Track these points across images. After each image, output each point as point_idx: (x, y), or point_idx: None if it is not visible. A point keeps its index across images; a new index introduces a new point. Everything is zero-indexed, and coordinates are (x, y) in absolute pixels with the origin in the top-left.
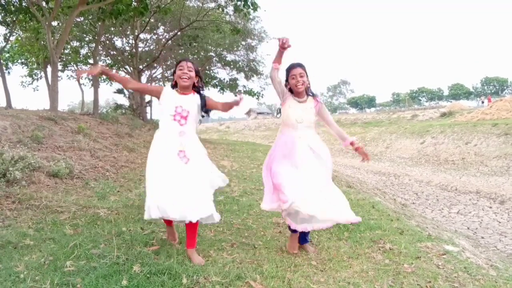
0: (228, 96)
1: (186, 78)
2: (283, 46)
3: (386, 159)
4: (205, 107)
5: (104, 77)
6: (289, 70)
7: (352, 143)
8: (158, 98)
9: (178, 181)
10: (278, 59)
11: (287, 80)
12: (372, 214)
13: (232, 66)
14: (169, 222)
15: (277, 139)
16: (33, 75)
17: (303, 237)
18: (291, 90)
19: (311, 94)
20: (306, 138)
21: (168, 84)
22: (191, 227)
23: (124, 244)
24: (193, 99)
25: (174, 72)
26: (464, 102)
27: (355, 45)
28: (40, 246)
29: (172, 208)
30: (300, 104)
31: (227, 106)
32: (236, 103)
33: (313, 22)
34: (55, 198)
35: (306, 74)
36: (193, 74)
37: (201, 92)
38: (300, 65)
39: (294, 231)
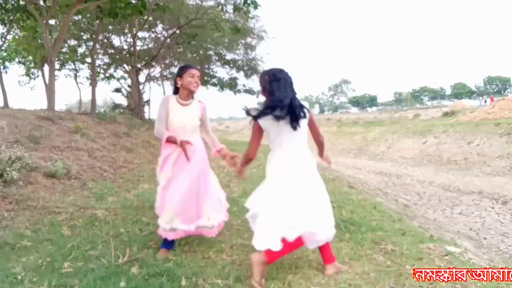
0: (227, 95)
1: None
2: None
3: (388, 159)
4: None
5: (103, 75)
6: (188, 68)
7: (219, 151)
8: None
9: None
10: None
11: (180, 76)
12: (374, 215)
13: (231, 65)
14: None
15: None
16: (30, 74)
17: None
18: (176, 91)
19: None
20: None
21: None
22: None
23: (122, 245)
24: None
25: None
26: (466, 101)
27: (357, 44)
28: (37, 247)
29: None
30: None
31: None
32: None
33: (314, 21)
34: (53, 198)
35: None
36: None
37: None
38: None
39: None
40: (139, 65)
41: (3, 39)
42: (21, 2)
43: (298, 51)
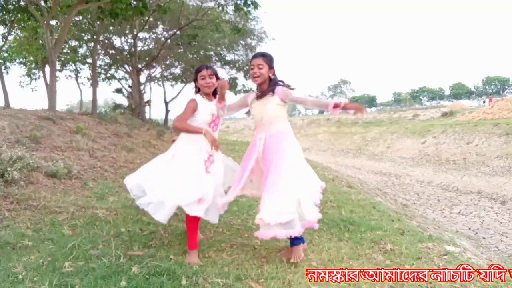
0: (227, 95)
1: (211, 85)
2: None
3: (387, 159)
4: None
5: (104, 76)
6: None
7: (336, 105)
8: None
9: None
10: (221, 98)
11: (195, 80)
12: (373, 214)
13: (231, 66)
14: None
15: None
16: (32, 75)
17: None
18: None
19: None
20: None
21: (195, 95)
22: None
23: (123, 244)
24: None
25: (195, 79)
26: (465, 101)
27: (356, 44)
28: (38, 246)
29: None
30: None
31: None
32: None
33: (313, 21)
34: (54, 198)
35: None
36: (214, 80)
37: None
38: (262, 55)
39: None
40: (139, 66)
41: (4, 40)
42: (22, 3)
43: (297, 51)
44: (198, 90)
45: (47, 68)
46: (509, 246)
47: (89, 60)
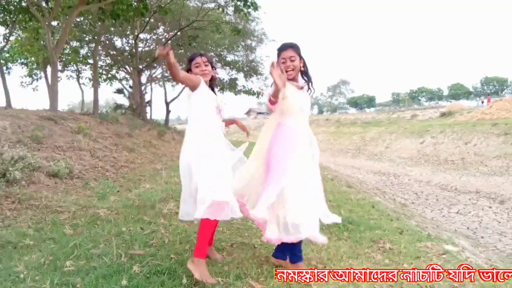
0: (227, 96)
1: (207, 73)
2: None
3: (386, 159)
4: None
5: (105, 76)
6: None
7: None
8: (193, 89)
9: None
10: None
11: (190, 70)
12: (372, 214)
13: (231, 66)
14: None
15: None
16: (33, 75)
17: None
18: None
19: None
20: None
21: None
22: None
23: (124, 244)
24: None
25: (189, 69)
26: (464, 102)
27: (355, 45)
28: (40, 246)
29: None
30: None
31: None
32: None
33: (312, 21)
34: (55, 198)
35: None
36: (209, 67)
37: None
38: (291, 46)
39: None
40: (140, 66)
41: (6, 40)
42: (24, 4)
43: None
44: None
45: (49, 69)
46: (508, 245)
47: (90, 61)
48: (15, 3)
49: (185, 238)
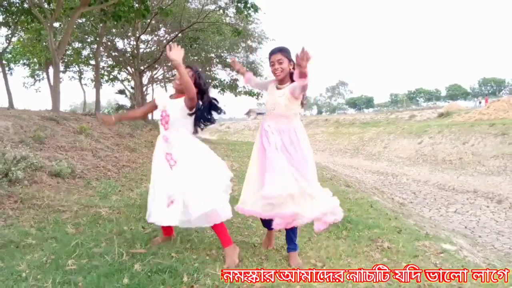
0: (228, 96)
1: (177, 85)
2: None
3: (384, 159)
4: (190, 110)
5: (107, 77)
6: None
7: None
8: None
9: (164, 185)
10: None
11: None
12: (370, 213)
13: (232, 67)
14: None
15: None
16: (35, 76)
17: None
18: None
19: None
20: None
21: (161, 90)
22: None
23: (125, 242)
24: (178, 104)
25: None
26: (461, 102)
27: (354, 46)
28: (42, 245)
29: (162, 215)
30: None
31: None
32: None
33: (311, 23)
34: (57, 197)
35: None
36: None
37: (204, 94)
38: (280, 50)
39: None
40: (142, 68)
41: (8, 41)
42: (26, 5)
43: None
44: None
45: (51, 70)
46: (505, 244)
47: (92, 62)
48: (17, 5)
49: (186, 237)
